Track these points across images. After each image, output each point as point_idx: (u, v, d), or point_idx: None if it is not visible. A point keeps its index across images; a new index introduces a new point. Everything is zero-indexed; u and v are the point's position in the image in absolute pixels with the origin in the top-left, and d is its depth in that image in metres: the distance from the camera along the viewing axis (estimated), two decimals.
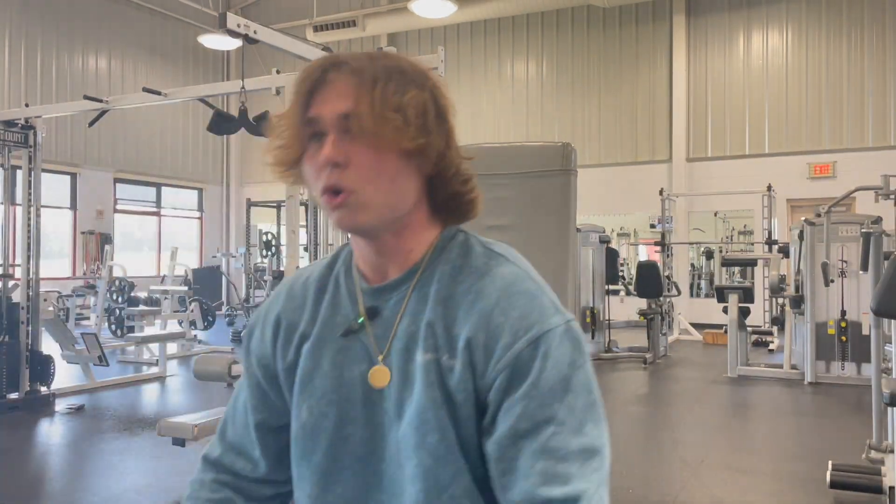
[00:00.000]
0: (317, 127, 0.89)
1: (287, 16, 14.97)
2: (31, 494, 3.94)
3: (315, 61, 0.92)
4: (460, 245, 0.95)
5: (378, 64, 0.89)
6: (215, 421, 3.48)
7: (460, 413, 0.87)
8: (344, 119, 0.87)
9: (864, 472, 3.79)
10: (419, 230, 0.94)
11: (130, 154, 14.35)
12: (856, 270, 7.10)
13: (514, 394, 0.84)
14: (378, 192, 0.88)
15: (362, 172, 0.87)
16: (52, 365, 6.09)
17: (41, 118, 6.19)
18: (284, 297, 1.03)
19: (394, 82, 0.87)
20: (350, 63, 0.89)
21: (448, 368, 0.88)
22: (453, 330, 0.89)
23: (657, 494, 3.88)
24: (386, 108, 0.86)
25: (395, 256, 0.94)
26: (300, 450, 0.96)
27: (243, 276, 12.58)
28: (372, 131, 0.86)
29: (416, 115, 0.87)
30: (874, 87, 11.30)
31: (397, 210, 0.91)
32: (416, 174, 0.91)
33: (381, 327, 0.93)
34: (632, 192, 12.54)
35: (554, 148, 4.42)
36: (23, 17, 12.60)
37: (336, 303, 0.98)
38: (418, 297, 0.93)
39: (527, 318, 0.86)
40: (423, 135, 0.88)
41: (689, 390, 6.93)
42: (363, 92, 0.86)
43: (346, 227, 0.90)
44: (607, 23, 13.14)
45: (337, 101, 0.88)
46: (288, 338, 0.99)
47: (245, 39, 3.96)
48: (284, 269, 5.32)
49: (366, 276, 0.97)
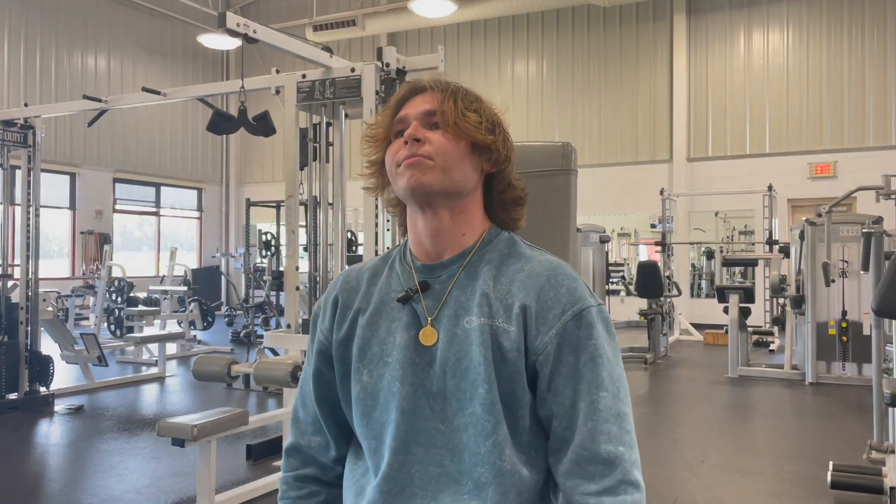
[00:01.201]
0: (403, 124, 1.08)
1: (287, 15, 14.97)
2: (30, 494, 3.93)
3: (402, 86, 1.15)
4: (507, 240, 1.13)
5: (454, 85, 1.11)
6: (215, 421, 3.47)
7: (509, 369, 1.01)
8: (427, 115, 1.07)
9: (865, 472, 3.78)
10: (473, 219, 1.11)
11: (130, 154, 14.34)
12: (857, 270, 7.10)
13: (569, 358, 1.01)
14: (447, 163, 1.05)
15: (437, 149, 1.05)
16: (51, 365, 6.08)
17: (40, 118, 6.18)
18: (342, 282, 1.19)
19: (470, 96, 1.11)
20: (433, 84, 1.10)
21: (503, 330, 1.02)
22: (507, 299, 1.05)
23: (657, 494, 3.87)
24: (466, 108, 1.07)
25: (450, 238, 1.09)
26: (361, 409, 1.08)
27: (243, 277, 12.57)
28: (453, 122, 1.06)
29: (487, 120, 1.09)
30: (875, 86, 11.29)
31: (458, 186, 1.07)
32: (479, 168, 1.10)
33: (432, 298, 1.08)
34: (632, 192, 12.53)
35: (554, 148, 4.42)
36: (22, 17, 12.59)
37: (390, 281, 1.13)
38: (468, 274, 1.08)
39: (572, 294, 1.04)
40: (492, 134, 1.09)
41: (689, 390, 6.92)
42: (447, 96, 1.08)
43: (416, 184, 1.05)
44: (608, 22, 13.13)
45: (422, 104, 1.09)
46: (343, 313, 1.14)
47: (244, 39, 3.95)
48: (284, 269, 5.31)
49: (420, 258, 1.12)
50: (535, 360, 1.02)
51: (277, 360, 4.16)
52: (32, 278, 6.05)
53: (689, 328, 10.84)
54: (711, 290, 12.08)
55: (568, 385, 1.01)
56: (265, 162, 16.21)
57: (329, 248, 4.69)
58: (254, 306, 9.63)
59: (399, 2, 13.40)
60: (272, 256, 10.40)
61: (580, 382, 1.01)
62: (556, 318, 1.02)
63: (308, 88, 4.34)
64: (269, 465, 4.37)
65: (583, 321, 1.02)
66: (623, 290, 13.02)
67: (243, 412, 3.71)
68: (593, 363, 1.01)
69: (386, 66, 4.16)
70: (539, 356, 1.02)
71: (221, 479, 4.02)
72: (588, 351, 1.01)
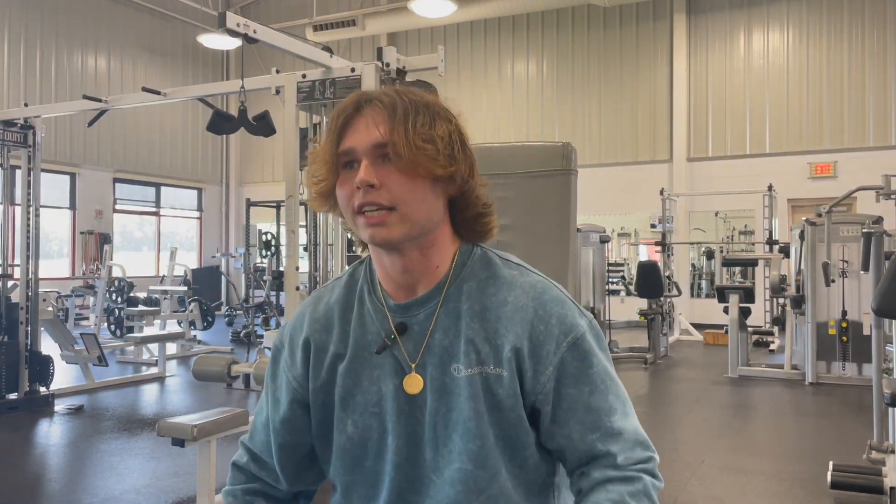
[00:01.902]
0: (351, 156, 0.98)
1: (287, 15, 14.96)
2: (30, 494, 3.93)
3: (346, 100, 1.01)
4: (480, 259, 1.05)
5: (406, 99, 0.98)
6: (215, 421, 3.47)
7: (507, 415, 0.97)
8: (377, 147, 0.96)
9: (865, 472, 3.78)
10: (443, 247, 1.03)
11: (130, 154, 14.34)
12: (857, 270, 7.10)
13: (570, 391, 0.97)
14: (410, 210, 0.96)
15: (395, 193, 0.95)
16: (51, 365, 6.07)
17: (40, 118, 6.18)
18: (308, 320, 1.10)
19: (422, 115, 0.97)
20: (380, 98, 0.98)
21: (495, 377, 0.97)
22: (496, 341, 0.98)
23: (657, 494, 3.87)
24: (418, 139, 0.95)
25: (422, 272, 1.02)
26: (350, 459, 1.04)
27: (243, 277, 12.57)
28: (407, 159, 0.94)
29: (445, 146, 0.97)
30: (875, 86, 11.29)
31: (427, 227, 0.99)
32: (443, 195, 1.01)
33: (412, 341, 1.01)
34: (632, 192, 12.53)
35: (554, 148, 4.41)
36: (22, 17, 12.58)
37: (364, 322, 1.05)
38: (447, 311, 1.01)
39: (563, 323, 0.99)
40: (452, 163, 0.98)
41: (689, 390, 6.92)
42: (396, 123, 0.95)
43: (380, 241, 0.97)
44: (608, 22, 13.13)
45: (369, 132, 0.96)
46: (319, 358, 1.06)
47: (244, 39, 3.95)
48: (284, 269, 5.31)
49: (391, 293, 1.04)
50: (535, 399, 0.98)
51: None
52: (32, 278, 6.05)
53: (689, 328, 10.83)
54: (711, 290, 12.07)
55: (573, 417, 0.98)
56: (265, 162, 16.21)
57: (329, 248, 4.69)
58: (254, 306, 9.63)
59: (399, 2, 13.39)
60: (272, 256, 10.40)
61: (588, 413, 0.97)
62: (551, 354, 0.97)
63: (308, 88, 4.34)
64: None
65: (579, 351, 0.98)
66: (623, 290, 13.02)
67: (243, 412, 3.71)
68: (598, 392, 0.98)
69: (386, 66, 4.16)
70: (538, 395, 0.98)
71: (221, 479, 4.01)
72: (591, 381, 0.98)
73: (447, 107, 1.02)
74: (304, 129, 4.62)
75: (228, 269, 14.91)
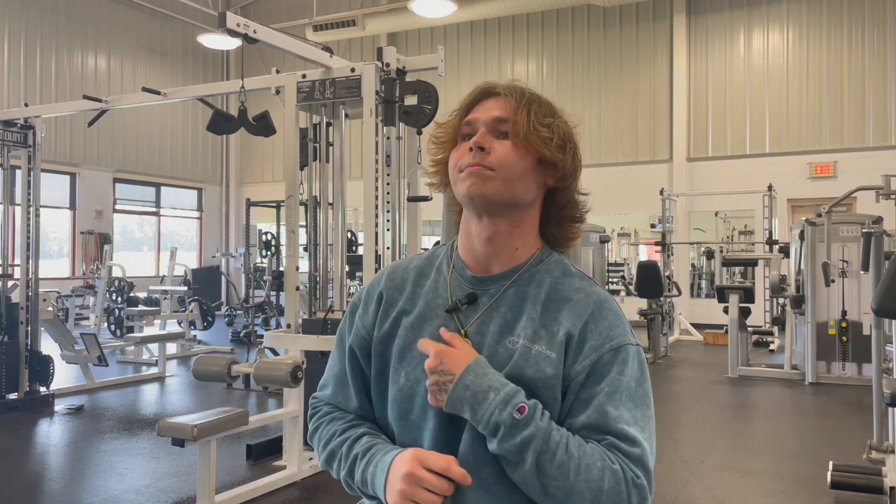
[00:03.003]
0: (472, 128, 1.07)
1: (287, 15, 14.96)
2: (30, 494, 3.93)
3: (475, 88, 1.11)
4: (558, 262, 1.12)
5: (531, 92, 1.09)
6: (215, 421, 3.47)
7: (547, 394, 1.01)
8: (497, 122, 1.06)
9: (865, 472, 3.78)
10: (528, 234, 1.11)
11: (130, 154, 14.34)
12: (856, 270, 7.10)
13: (593, 388, 1.00)
14: (509, 176, 1.04)
15: (501, 158, 1.04)
16: (51, 365, 6.08)
17: (40, 118, 6.18)
18: (386, 278, 1.19)
19: (545, 107, 1.08)
20: (509, 86, 1.09)
21: (545, 356, 1.02)
22: (553, 327, 1.05)
23: (657, 494, 3.87)
24: (537, 122, 1.05)
25: (503, 249, 1.09)
26: (399, 410, 1.08)
27: (243, 276, 12.56)
28: (522, 136, 1.04)
29: (559, 137, 1.07)
30: (875, 86, 11.29)
31: (518, 198, 1.06)
32: (542, 183, 1.09)
33: (476, 310, 1.08)
34: (632, 192, 12.53)
35: None
36: (22, 17, 12.58)
37: (438, 286, 1.13)
38: (516, 293, 1.08)
39: (613, 329, 1.04)
40: (561, 153, 1.07)
41: (689, 390, 6.92)
42: (521, 106, 1.06)
43: (475, 193, 1.04)
44: (608, 22, 13.13)
45: (494, 109, 1.07)
46: (387, 311, 1.14)
47: (244, 39, 3.95)
48: (284, 269, 5.32)
49: (469, 266, 1.12)
50: (568, 385, 1.02)
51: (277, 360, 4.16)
52: (32, 278, 6.05)
53: (689, 328, 10.83)
54: (711, 290, 12.08)
55: (583, 411, 1.00)
56: (265, 162, 16.21)
57: (329, 248, 4.69)
58: (254, 306, 9.63)
59: (399, 2, 13.40)
60: (272, 256, 10.39)
61: (596, 412, 0.99)
62: (592, 350, 1.02)
63: (308, 88, 4.34)
64: (269, 465, 4.37)
65: (618, 357, 1.02)
66: (623, 290, 13.02)
67: (243, 412, 3.71)
68: (615, 398, 0.99)
69: (386, 66, 4.16)
70: (570, 382, 1.02)
71: (221, 479, 4.02)
72: (614, 385, 1.00)
73: (562, 110, 1.12)
74: (304, 129, 4.62)
75: (228, 269, 14.92)
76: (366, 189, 4.12)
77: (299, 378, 3.89)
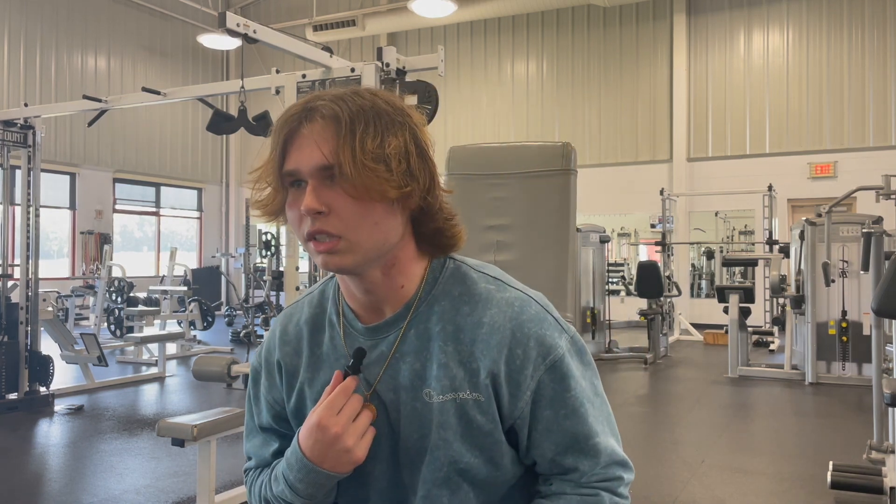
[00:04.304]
0: (296, 177, 0.89)
1: (287, 15, 14.97)
2: (30, 494, 3.93)
3: (292, 106, 0.91)
4: (452, 274, 0.97)
5: (353, 106, 0.87)
6: (215, 421, 3.47)
7: (485, 440, 0.93)
8: (323, 170, 0.87)
9: (865, 472, 3.78)
10: (407, 265, 0.95)
11: (129, 154, 14.34)
12: (857, 270, 7.10)
13: (546, 413, 0.93)
14: (362, 235, 0.88)
15: (345, 219, 0.87)
16: (51, 365, 6.07)
17: (40, 118, 6.18)
18: (279, 341, 1.05)
19: (372, 127, 0.87)
20: (322, 109, 0.88)
21: (473, 402, 0.92)
22: (471, 364, 0.93)
23: (657, 494, 3.87)
24: (367, 159, 0.85)
25: (386, 293, 0.95)
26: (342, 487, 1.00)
27: (242, 277, 12.57)
28: (355, 182, 0.85)
29: (398, 163, 0.87)
30: (875, 86, 11.29)
31: (383, 249, 0.91)
32: (401, 213, 0.92)
33: (378, 363, 0.96)
34: (632, 192, 12.53)
35: (554, 148, 4.42)
36: (22, 17, 12.58)
37: (335, 344, 1.00)
38: (417, 333, 0.95)
39: (541, 345, 0.93)
40: (408, 181, 0.88)
41: (689, 390, 6.92)
42: (343, 141, 0.86)
43: (333, 269, 0.91)
44: (608, 22, 13.13)
45: (314, 151, 0.87)
46: (290, 383, 1.03)
47: (244, 39, 3.95)
48: (284, 269, 5.31)
49: (358, 315, 0.99)
50: (513, 423, 0.94)
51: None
52: (32, 278, 6.05)
53: (689, 328, 10.83)
54: (711, 290, 12.07)
55: (548, 439, 0.94)
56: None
57: None
58: (254, 306, 9.63)
59: (399, 2, 13.40)
60: (272, 256, 10.39)
61: (563, 436, 0.94)
62: (529, 378, 0.92)
63: (308, 88, 4.33)
64: None
65: (556, 373, 0.93)
66: (623, 290, 13.02)
67: (243, 412, 3.71)
68: (576, 415, 0.94)
69: (386, 66, 4.16)
70: (516, 420, 0.94)
71: (221, 479, 4.02)
72: (567, 404, 0.93)
73: (402, 107, 0.91)
74: None
75: (228, 269, 14.92)
76: None
77: None
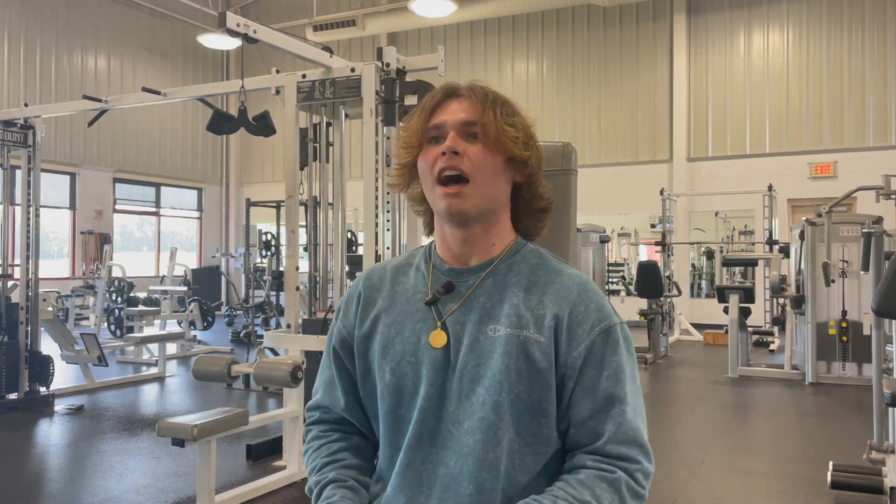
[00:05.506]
0: (440, 131, 1.09)
1: (287, 15, 14.96)
2: (30, 494, 3.93)
3: (436, 89, 1.14)
4: (533, 251, 1.16)
5: (489, 91, 1.11)
6: (215, 421, 3.47)
7: (539, 378, 1.04)
8: (466, 125, 1.08)
9: (865, 472, 3.78)
10: (503, 230, 1.14)
11: (129, 154, 14.34)
12: (857, 270, 7.10)
13: (592, 372, 1.05)
14: (484, 181, 1.08)
15: (475, 163, 1.07)
16: (51, 365, 6.07)
17: (40, 118, 6.18)
18: (364, 279, 1.22)
19: (505, 106, 1.10)
20: (464, 91, 1.11)
21: (534, 341, 1.05)
22: (539, 310, 1.07)
23: (657, 494, 3.87)
24: (504, 122, 1.08)
25: (479, 247, 1.12)
26: (387, 406, 1.11)
27: (243, 277, 12.56)
28: (493, 137, 1.07)
29: (524, 134, 1.10)
30: (875, 86, 11.29)
31: (494, 203, 1.10)
32: (511, 179, 1.12)
33: (453, 301, 1.11)
34: (632, 192, 12.53)
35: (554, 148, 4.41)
36: (22, 17, 12.58)
37: (416, 282, 1.16)
38: (495, 282, 1.11)
39: (601, 311, 1.08)
40: (528, 150, 1.11)
41: (689, 390, 6.92)
42: (486, 107, 1.08)
43: (455, 211, 1.07)
44: (608, 22, 13.13)
45: (460, 112, 1.09)
46: (366, 310, 1.17)
47: (244, 39, 3.95)
48: (284, 269, 5.32)
49: (446, 261, 1.15)
50: (564, 372, 1.05)
51: (277, 360, 4.16)
52: (32, 278, 6.05)
53: (689, 328, 10.83)
54: (711, 290, 12.07)
55: (588, 397, 1.04)
56: (265, 162, 16.21)
57: (329, 248, 4.69)
58: (254, 306, 9.62)
59: (399, 2, 13.39)
60: (272, 256, 10.39)
61: (601, 396, 1.04)
62: (585, 334, 1.06)
63: (308, 88, 4.34)
64: (270, 465, 4.36)
65: (609, 338, 1.06)
66: (623, 290, 13.02)
67: (243, 412, 3.71)
68: (616, 379, 1.05)
69: (386, 66, 4.16)
70: (567, 369, 1.05)
71: (221, 479, 4.02)
72: (612, 366, 1.05)
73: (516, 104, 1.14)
74: (304, 129, 4.62)
75: (228, 269, 14.91)
76: (366, 189, 4.12)
77: (299, 378, 3.89)
